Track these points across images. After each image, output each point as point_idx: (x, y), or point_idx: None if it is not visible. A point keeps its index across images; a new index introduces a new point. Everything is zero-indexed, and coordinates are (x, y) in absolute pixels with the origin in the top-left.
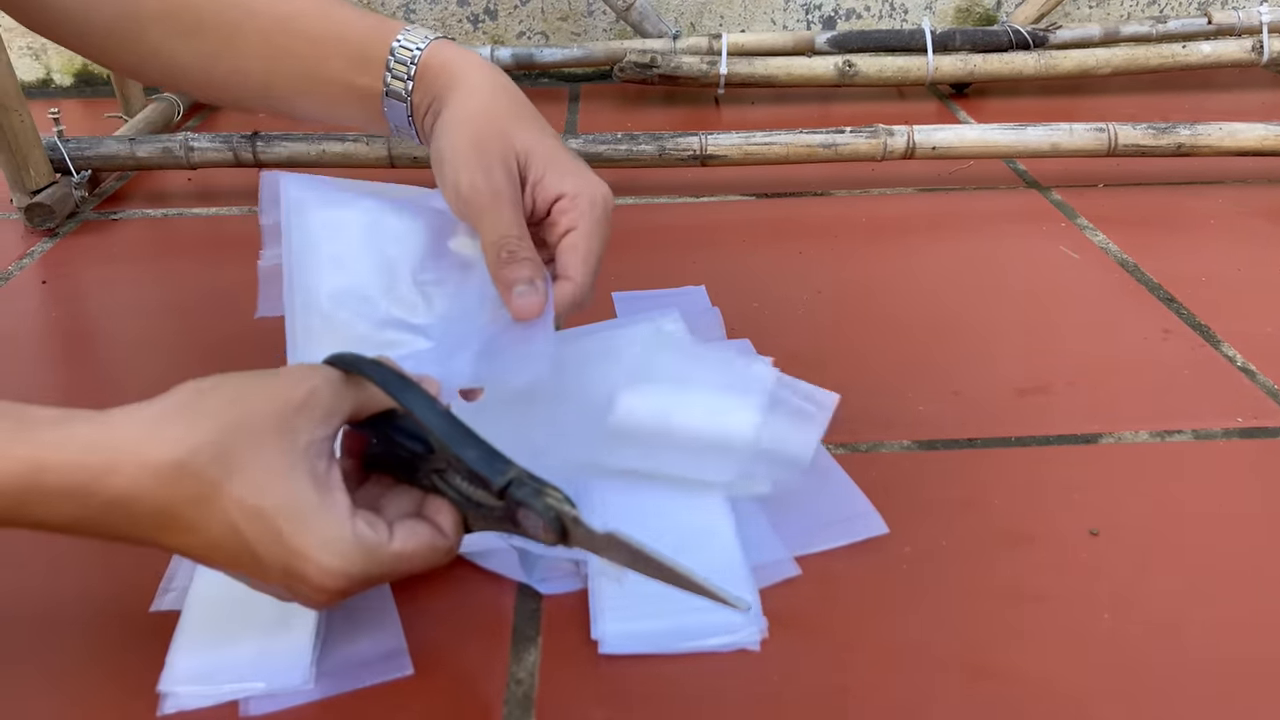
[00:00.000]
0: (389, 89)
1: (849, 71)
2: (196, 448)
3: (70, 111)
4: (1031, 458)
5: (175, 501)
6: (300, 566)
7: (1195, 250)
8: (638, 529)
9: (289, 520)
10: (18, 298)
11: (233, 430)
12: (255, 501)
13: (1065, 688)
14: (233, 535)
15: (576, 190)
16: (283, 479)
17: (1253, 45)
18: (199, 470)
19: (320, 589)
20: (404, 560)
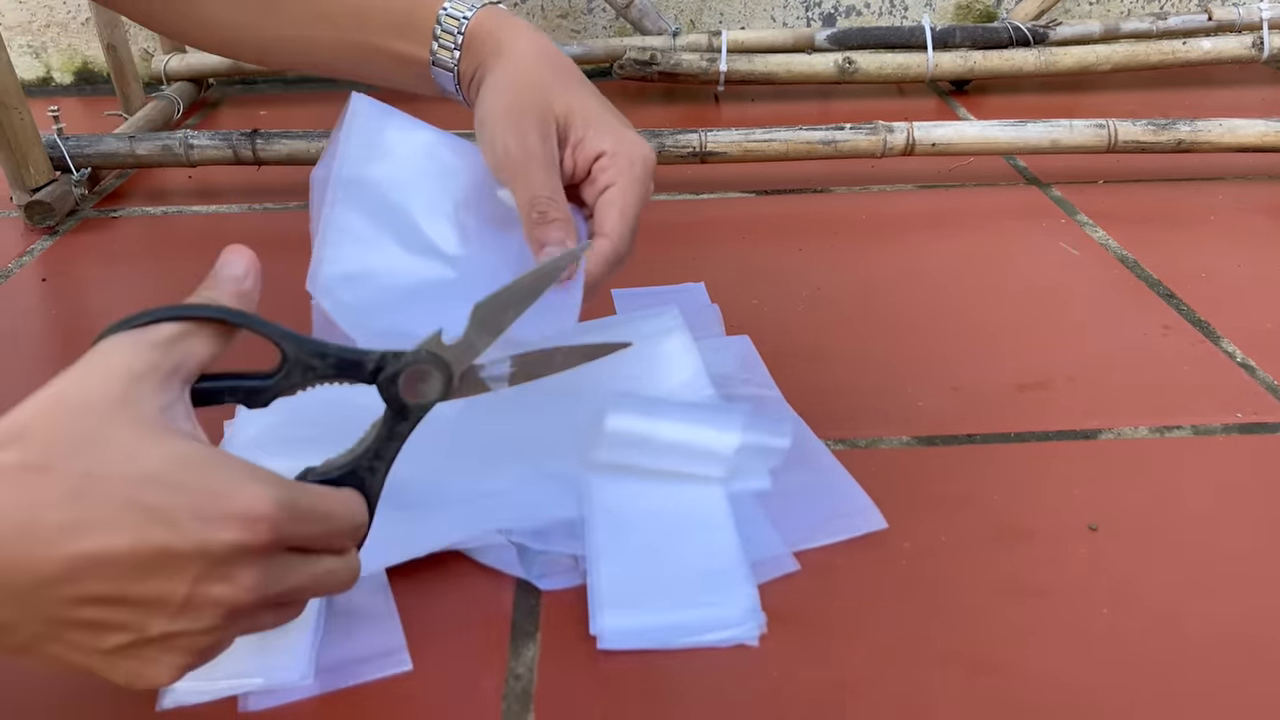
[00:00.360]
0: (435, 58)
1: (849, 68)
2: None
3: (70, 109)
4: (1031, 453)
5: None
6: (223, 505)
7: (1195, 246)
8: (637, 523)
9: (188, 468)
10: (17, 295)
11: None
12: (142, 467)
13: (1065, 682)
14: (129, 509)
15: (616, 149)
16: (159, 441)
17: (1253, 41)
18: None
19: (251, 520)
20: (322, 500)
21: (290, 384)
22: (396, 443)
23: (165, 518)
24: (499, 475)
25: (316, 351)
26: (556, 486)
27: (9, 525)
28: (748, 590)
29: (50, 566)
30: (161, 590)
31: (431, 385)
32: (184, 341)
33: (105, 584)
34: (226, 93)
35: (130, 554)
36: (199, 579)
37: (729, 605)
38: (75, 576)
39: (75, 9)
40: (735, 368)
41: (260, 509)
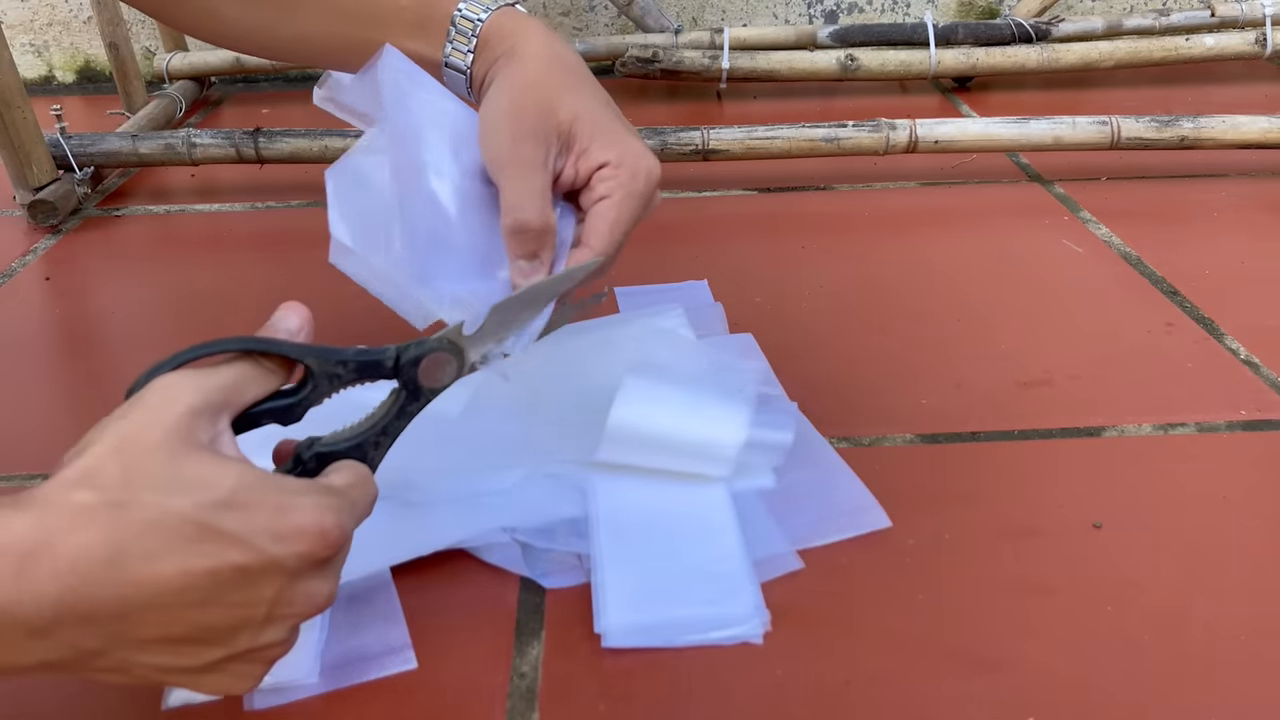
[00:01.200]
0: (448, 60)
1: (851, 66)
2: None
3: (72, 108)
4: (1034, 450)
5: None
6: (292, 519)
7: (1198, 243)
8: (641, 522)
9: (248, 489)
10: (21, 294)
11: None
12: (207, 495)
13: (1069, 679)
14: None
15: (620, 160)
16: (215, 468)
17: (1256, 38)
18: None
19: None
20: (354, 488)
21: (318, 395)
22: (404, 421)
23: (239, 540)
24: (504, 474)
25: (337, 359)
26: (561, 485)
27: (95, 560)
28: (752, 588)
29: (137, 595)
30: (245, 609)
31: (447, 371)
32: (234, 379)
33: (190, 608)
34: (229, 91)
35: (211, 576)
36: (279, 593)
37: (733, 603)
38: (161, 602)
39: (77, 7)
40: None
41: (327, 520)
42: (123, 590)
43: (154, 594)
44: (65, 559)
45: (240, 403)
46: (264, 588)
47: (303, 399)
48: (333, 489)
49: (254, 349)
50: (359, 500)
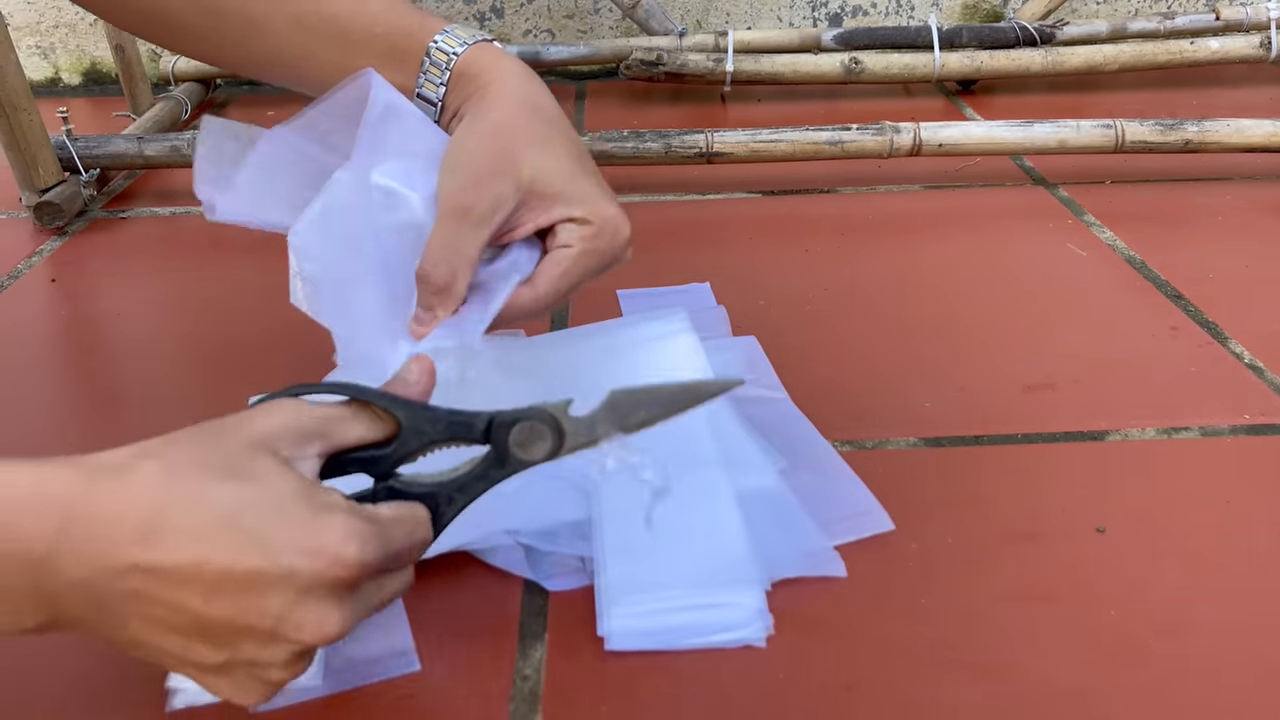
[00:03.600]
0: (420, 91)
1: (855, 69)
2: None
3: (78, 110)
4: (1038, 455)
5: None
6: (317, 537)
7: (1203, 247)
8: (644, 525)
9: (290, 499)
10: (27, 296)
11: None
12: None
13: (1071, 685)
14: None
15: (586, 216)
16: (271, 472)
17: (1261, 41)
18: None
19: (342, 557)
20: (397, 525)
21: (407, 450)
22: (484, 485)
23: (262, 543)
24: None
25: (428, 418)
26: (564, 488)
27: (130, 525)
28: (755, 591)
29: (160, 566)
30: (251, 616)
31: (540, 447)
32: (337, 416)
33: (202, 597)
34: (234, 93)
35: (225, 570)
36: (286, 608)
37: (736, 606)
38: (175, 580)
39: (83, 10)
40: (742, 368)
41: (351, 551)
42: (145, 554)
43: (172, 568)
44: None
45: (337, 440)
46: (273, 598)
47: (391, 453)
48: (373, 518)
49: (354, 395)
50: (396, 538)
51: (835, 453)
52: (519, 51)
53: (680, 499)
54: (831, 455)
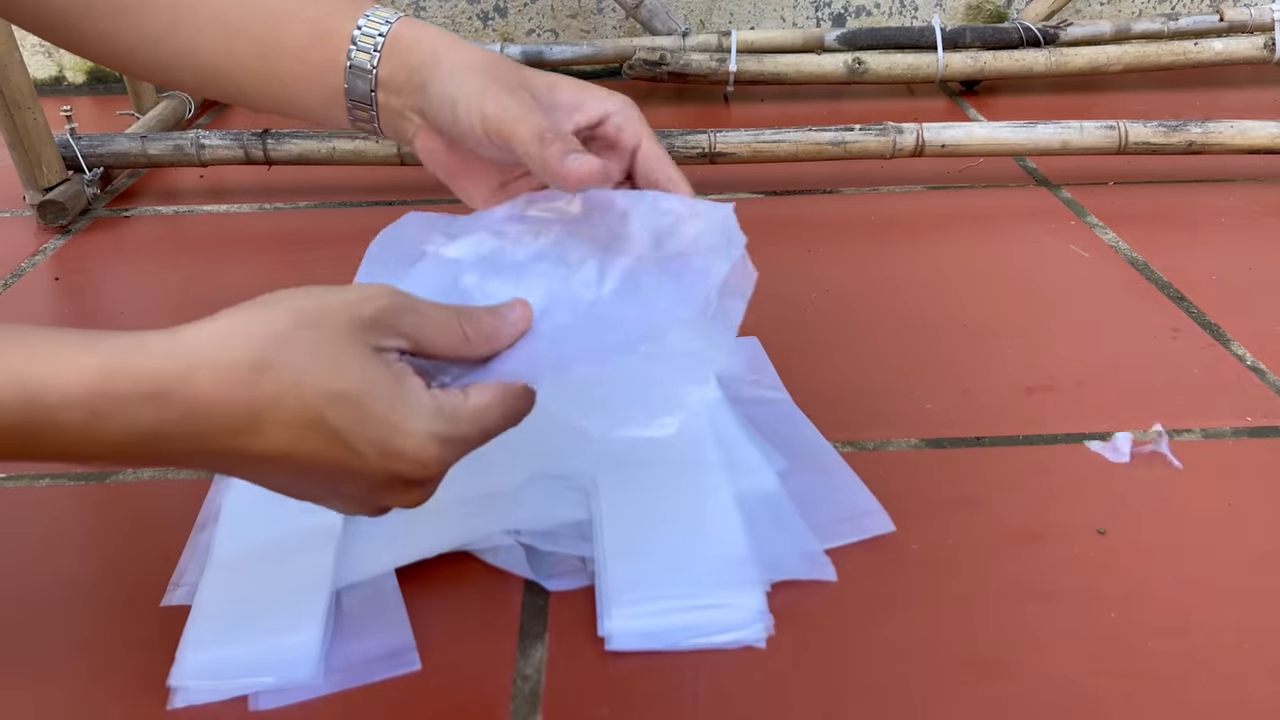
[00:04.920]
0: (352, 62)
1: (858, 69)
2: (273, 345)
3: (82, 109)
4: (1039, 456)
5: (258, 403)
6: (399, 441)
7: (1206, 249)
8: (645, 525)
9: (376, 398)
10: (30, 294)
11: (306, 328)
12: (340, 387)
13: (1072, 686)
14: (320, 427)
15: (619, 108)
16: (359, 367)
17: (1265, 42)
18: (277, 367)
19: (421, 461)
20: (487, 412)
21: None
22: None
23: (347, 443)
24: (508, 477)
25: None
26: (565, 488)
27: (227, 417)
28: (755, 592)
29: (253, 452)
30: (340, 486)
31: None
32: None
33: (291, 472)
34: None
35: (314, 457)
36: (372, 490)
37: (736, 607)
38: (269, 459)
39: None
40: (743, 369)
41: (431, 451)
42: (243, 443)
43: (266, 457)
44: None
45: (423, 348)
46: (355, 483)
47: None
48: (458, 417)
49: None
50: (488, 425)
51: (836, 454)
52: (522, 51)
53: (681, 500)
54: (832, 456)
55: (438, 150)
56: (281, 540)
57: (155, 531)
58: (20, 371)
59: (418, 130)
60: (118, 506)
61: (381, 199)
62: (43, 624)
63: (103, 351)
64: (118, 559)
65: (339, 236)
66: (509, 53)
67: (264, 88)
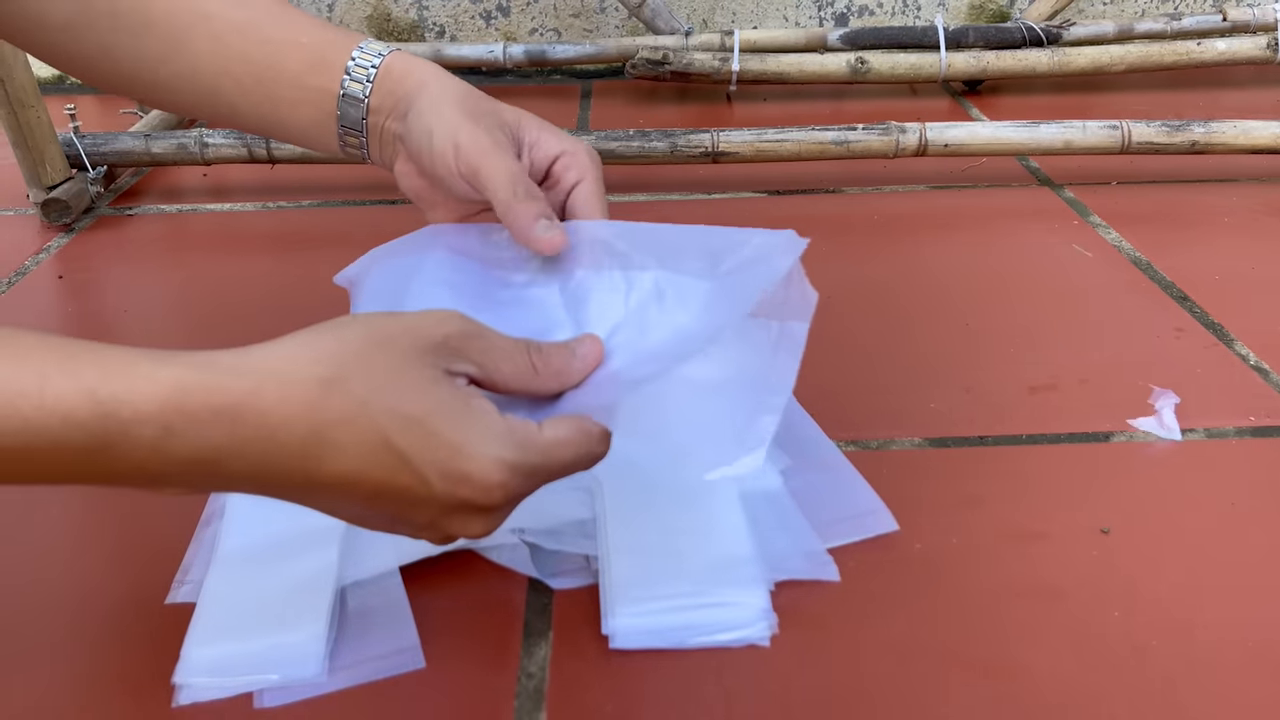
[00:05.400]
0: (346, 90)
1: (861, 68)
2: (342, 365)
3: (86, 107)
4: (1043, 455)
5: (324, 423)
6: (463, 465)
7: (1209, 248)
8: (649, 523)
9: (443, 420)
10: (34, 292)
11: (376, 349)
12: (407, 409)
13: (1076, 685)
14: (385, 450)
15: (574, 148)
16: (428, 389)
17: (1268, 42)
18: (346, 387)
19: (485, 486)
20: (560, 447)
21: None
22: None
23: (412, 467)
24: None
25: None
26: (569, 487)
27: (293, 438)
28: (759, 590)
29: (316, 474)
30: (403, 516)
31: None
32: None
33: (356, 500)
34: None
35: (379, 485)
36: (437, 518)
37: (741, 605)
38: (333, 488)
39: None
40: None
41: (495, 477)
42: (310, 466)
43: (332, 482)
44: (270, 426)
45: (488, 375)
46: (421, 511)
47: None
48: (529, 445)
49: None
50: (559, 461)
51: (840, 452)
52: (525, 50)
53: (685, 499)
54: (836, 455)
55: (411, 175)
56: (286, 537)
57: (160, 528)
58: (95, 387)
59: (397, 154)
60: (123, 503)
61: (384, 198)
62: (48, 620)
63: (176, 367)
64: (122, 556)
65: (342, 235)
66: (511, 52)
67: (257, 110)
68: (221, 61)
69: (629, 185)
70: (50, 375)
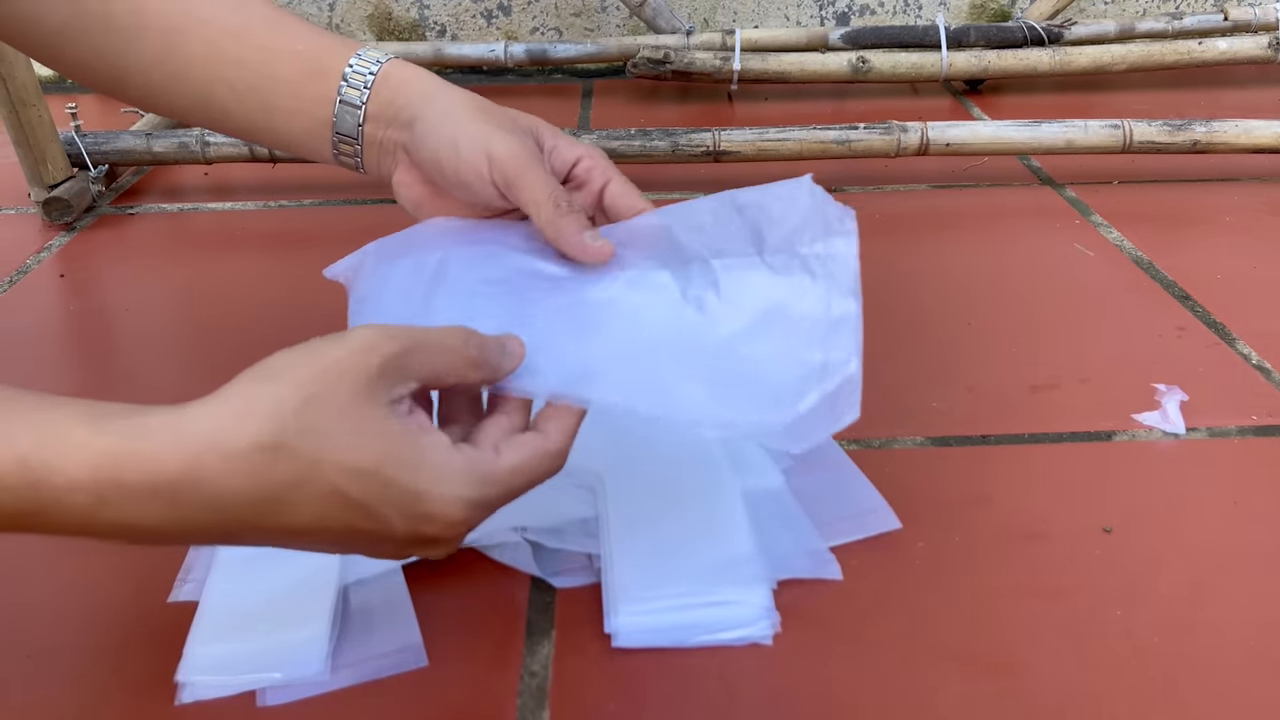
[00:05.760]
0: (343, 97)
1: (863, 68)
2: (283, 427)
3: (87, 106)
4: (1045, 454)
5: (276, 487)
6: (422, 507)
7: (1210, 247)
8: (652, 522)
9: (396, 467)
10: (35, 291)
11: (314, 402)
12: (356, 462)
13: (1077, 684)
14: (340, 502)
15: (589, 151)
16: (377, 434)
17: (1269, 42)
18: (292, 450)
19: (448, 523)
20: (519, 474)
21: None
22: None
23: (371, 512)
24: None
25: None
26: (571, 485)
27: (242, 504)
28: (762, 590)
29: (278, 529)
30: (371, 549)
31: None
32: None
33: (323, 543)
34: None
35: (340, 532)
36: (401, 549)
37: (743, 604)
38: (298, 535)
39: None
40: None
41: (456, 515)
42: (265, 524)
43: (291, 532)
44: (214, 498)
45: (434, 379)
46: (385, 545)
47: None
48: (488, 479)
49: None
50: (516, 487)
51: (843, 451)
52: (526, 49)
53: (687, 497)
54: (839, 454)
55: (414, 184)
56: None
57: None
58: (28, 454)
59: (397, 164)
60: None
61: (386, 197)
62: (50, 619)
63: (110, 435)
64: (125, 554)
65: (343, 234)
66: (513, 51)
67: (250, 117)
68: (215, 66)
69: None
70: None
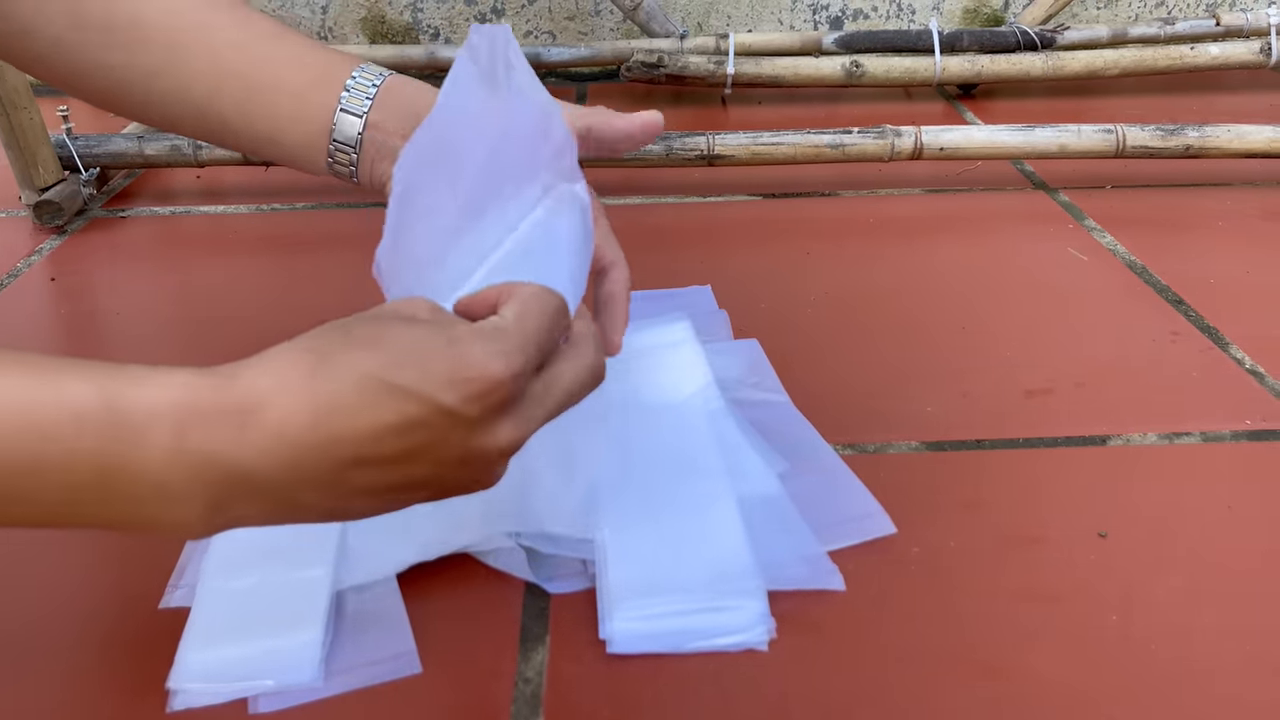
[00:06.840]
0: (344, 106)
1: (856, 72)
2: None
3: (79, 109)
4: (1039, 459)
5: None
6: (462, 370)
7: (1204, 252)
8: (647, 528)
9: (426, 345)
10: (26, 294)
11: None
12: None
13: (1073, 689)
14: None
15: (617, 259)
16: (399, 329)
17: (1261, 47)
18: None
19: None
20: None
21: None
22: None
23: (419, 395)
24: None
25: None
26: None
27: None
28: (757, 596)
29: (341, 450)
30: (440, 453)
31: None
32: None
33: (388, 463)
34: None
35: (397, 429)
36: (467, 439)
37: (738, 610)
38: (363, 458)
39: None
40: (744, 372)
41: (494, 366)
42: (329, 448)
43: (355, 450)
44: (273, 424)
45: None
46: (452, 441)
47: None
48: (499, 332)
49: None
50: (532, 332)
51: (837, 456)
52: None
53: (682, 503)
54: (833, 458)
55: None
56: (282, 541)
57: None
58: (105, 388)
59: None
60: None
61: (379, 201)
62: (41, 625)
63: (180, 373)
64: (116, 560)
65: (336, 238)
66: None
67: (249, 126)
68: (217, 77)
69: (625, 188)
70: (65, 383)
